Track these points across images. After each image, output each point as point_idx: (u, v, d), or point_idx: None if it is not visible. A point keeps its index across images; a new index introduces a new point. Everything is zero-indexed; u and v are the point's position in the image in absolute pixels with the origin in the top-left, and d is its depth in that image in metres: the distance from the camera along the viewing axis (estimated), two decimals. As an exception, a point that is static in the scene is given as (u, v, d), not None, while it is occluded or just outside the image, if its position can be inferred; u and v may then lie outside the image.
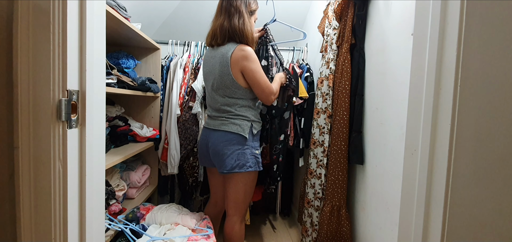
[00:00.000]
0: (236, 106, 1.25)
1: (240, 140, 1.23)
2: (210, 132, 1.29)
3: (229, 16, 1.21)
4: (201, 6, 2.29)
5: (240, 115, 1.25)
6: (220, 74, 1.22)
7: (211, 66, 1.28)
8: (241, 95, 1.24)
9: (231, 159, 1.21)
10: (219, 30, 1.22)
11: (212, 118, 1.32)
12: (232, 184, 1.26)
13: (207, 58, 1.32)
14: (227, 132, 1.23)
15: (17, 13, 0.58)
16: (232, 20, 1.20)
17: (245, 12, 1.22)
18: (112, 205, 1.37)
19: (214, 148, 1.25)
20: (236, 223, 1.31)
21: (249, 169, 1.23)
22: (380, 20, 1.19)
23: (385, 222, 1.09)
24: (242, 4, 1.22)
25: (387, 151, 1.09)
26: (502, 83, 0.59)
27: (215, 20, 1.26)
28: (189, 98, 1.83)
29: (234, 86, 1.22)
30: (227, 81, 1.21)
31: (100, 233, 0.75)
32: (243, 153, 1.22)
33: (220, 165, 1.24)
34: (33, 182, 0.60)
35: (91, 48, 0.65)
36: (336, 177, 1.34)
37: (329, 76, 1.44)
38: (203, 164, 1.43)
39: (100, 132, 0.72)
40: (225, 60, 1.20)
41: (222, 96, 1.25)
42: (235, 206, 1.29)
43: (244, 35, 1.20)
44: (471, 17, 0.58)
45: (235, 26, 1.20)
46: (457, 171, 0.60)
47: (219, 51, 1.24)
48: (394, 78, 1.05)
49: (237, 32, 1.20)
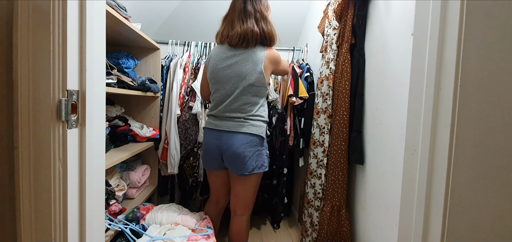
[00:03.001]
0: (257, 106, 1.28)
1: (259, 141, 1.26)
2: (223, 133, 1.25)
3: (257, 21, 1.27)
4: (201, 6, 2.29)
5: (259, 116, 1.28)
6: (251, 74, 1.24)
7: (234, 66, 1.26)
8: (264, 95, 1.31)
9: (252, 160, 1.23)
10: (250, 34, 1.25)
11: (222, 119, 1.27)
12: (247, 184, 1.28)
13: (224, 57, 1.29)
14: (248, 133, 1.23)
15: (17, 13, 0.58)
16: (260, 25, 1.28)
17: (267, 16, 1.31)
18: (112, 205, 1.37)
19: (233, 150, 1.22)
20: (245, 222, 1.34)
21: (265, 169, 1.30)
22: (380, 20, 1.18)
23: (385, 222, 1.09)
24: (263, 9, 1.30)
25: (387, 151, 1.09)
26: (502, 83, 0.59)
27: (240, 23, 1.27)
28: (189, 98, 1.83)
29: (263, 86, 1.27)
30: (259, 80, 1.25)
31: (100, 233, 0.75)
32: (260, 153, 1.27)
33: (240, 168, 1.23)
34: (33, 182, 0.60)
35: (91, 48, 0.65)
36: (336, 177, 1.34)
37: (329, 76, 1.44)
38: (210, 167, 1.36)
39: (100, 132, 0.72)
40: (258, 61, 1.24)
41: (251, 95, 1.26)
42: (245, 205, 1.32)
43: (273, 39, 1.31)
44: (471, 17, 0.58)
45: (266, 31, 1.28)
46: (457, 171, 0.60)
47: (248, 53, 1.26)
48: (394, 78, 1.05)
49: (266, 37, 1.28)
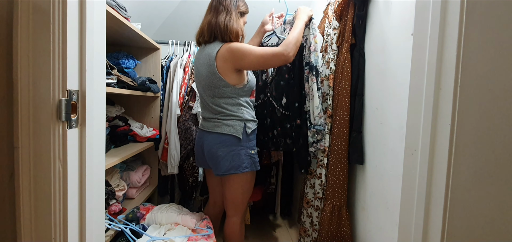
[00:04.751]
0: (228, 106, 1.22)
1: (233, 141, 1.21)
2: (204, 134, 1.28)
3: (217, 14, 1.21)
4: (201, 6, 2.27)
5: (233, 115, 1.22)
6: (207, 75, 1.21)
7: (199, 67, 1.28)
8: (230, 94, 1.21)
9: (226, 160, 1.20)
10: (206, 27, 1.22)
11: (206, 120, 1.30)
12: (229, 185, 1.26)
13: (196, 59, 1.33)
14: (220, 133, 1.21)
15: (17, 13, 0.58)
16: (219, 17, 1.20)
17: (233, 11, 1.22)
18: (112, 205, 1.37)
19: (208, 150, 1.24)
20: (236, 224, 1.31)
21: (245, 170, 1.22)
22: (380, 20, 1.18)
23: (385, 222, 1.09)
24: (232, 3, 1.23)
25: (387, 151, 1.09)
26: (502, 83, 0.59)
27: (204, 18, 1.27)
28: (189, 98, 1.83)
29: (223, 85, 1.19)
30: (215, 80, 1.19)
31: (100, 233, 0.75)
32: (237, 153, 1.21)
33: (216, 167, 1.23)
34: (33, 182, 0.60)
35: (91, 48, 0.65)
36: (337, 177, 1.34)
37: (329, 76, 1.44)
38: (200, 166, 1.47)
39: (100, 132, 0.72)
40: (211, 59, 1.19)
41: (212, 97, 1.23)
42: (234, 207, 1.29)
43: (228, 30, 1.19)
44: (471, 17, 0.58)
45: (220, 22, 1.19)
46: (457, 171, 0.60)
47: (206, 51, 1.24)
48: (394, 78, 1.05)
49: (221, 27, 1.19)
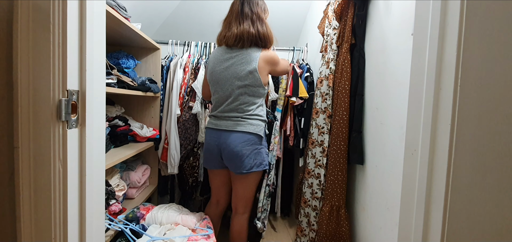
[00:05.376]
0: (255, 106, 1.30)
1: (257, 139, 1.29)
2: (223, 132, 1.29)
3: (253, 23, 1.29)
4: (201, 6, 2.29)
5: (256, 115, 1.30)
6: (246, 75, 1.26)
7: (231, 67, 1.29)
8: (261, 95, 1.32)
9: (250, 158, 1.26)
10: (246, 35, 1.27)
11: (221, 118, 1.31)
12: (246, 183, 1.31)
13: (221, 59, 1.32)
14: (245, 132, 1.26)
15: (17, 13, 0.58)
16: (256, 27, 1.29)
17: (264, 18, 1.33)
18: (112, 205, 1.37)
19: (231, 149, 1.25)
20: (246, 220, 1.37)
21: (265, 167, 1.33)
22: (380, 20, 1.18)
23: (385, 222, 1.09)
24: (260, 11, 1.32)
25: (387, 151, 1.09)
26: (502, 83, 0.59)
27: (237, 24, 1.29)
28: (189, 98, 1.83)
29: (258, 85, 1.27)
30: (254, 80, 1.26)
31: (100, 233, 0.75)
32: (259, 152, 1.30)
33: (239, 166, 1.26)
34: (33, 182, 0.60)
35: (91, 48, 0.65)
36: (336, 177, 1.34)
37: (329, 76, 1.44)
38: (210, 166, 1.39)
39: (100, 132, 0.72)
40: (253, 61, 1.25)
41: (247, 95, 1.28)
42: (245, 204, 1.35)
43: (269, 40, 1.32)
44: (471, 17, 0.58)
45: (261, 32, 1.29)
46: (457, 171, 0.60)
47: (243, 54, 1.28)
48: (394, 78, 1.05)
49: (261, 38, 1.29)
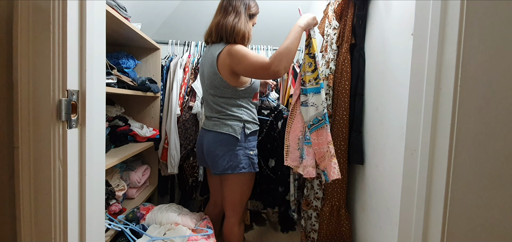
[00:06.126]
0: (228, 106, 1.23)
1: (231, 140, 1.21)
2: (205, 132, 1.30)
3: (226, 14, 1.21)
4: (201, 6, 2.29)
5: (232, 116, 1.23)
6: (209, 74, 1.23)
7: (203, 66, 1.30)
8: (231, 95, 1.22)
9: (223, 160, 1.20)
10: (215, 27, 1.23)
11: (207, 118, 1.32)
12: (228, 185, 1.26)
13: (202, 57, 1.35)
14: (219, 132, 1.22)
15: (17, 13, 0.58)
16: (227, 18, 1.20)
17: (243, 13, 1.22)
18: (112, 205, 1.37)
19: (207, 148, 1.26)
20: (235, 224, 1.30)
21: (242, 170, 1.21)
22: (380, 20, 1.18)
23: (385, 222, 1.09)
24: (241, 5, 1.22)
25: (387, 151, 1.09)
26: (502, 83, 0.59)
27: (214, 18, 1.27)
28: (189, 98, 1.83)
29: (223, 86, 1.20)
30: (216, 81, 1.21)
31: (100, 233, 0.75)
32: (235, 154, 1.21)
33: (213, 166, 1.24)
34: (33, 182, 0.60)
35: (91, 48, 0.65)
36: (336, 177, 1.33)
37: (329, 76, 1.44)
38: (201, 164, 1.48)
39: (100, 132, 0.72)
40: (213, 60, 1.20)
41: (213, 96, 1.25)
42: (232, 207, 1.29)
43: (235, 32, 1.18)
44: (471, 17, 0.58)
45: (228, 23, 1.18)
46: (457, 171, 0.60)
47: (210, 51, 1.25)
48: (394, 78, 1.05)
49: (228, 29, 1.18)
